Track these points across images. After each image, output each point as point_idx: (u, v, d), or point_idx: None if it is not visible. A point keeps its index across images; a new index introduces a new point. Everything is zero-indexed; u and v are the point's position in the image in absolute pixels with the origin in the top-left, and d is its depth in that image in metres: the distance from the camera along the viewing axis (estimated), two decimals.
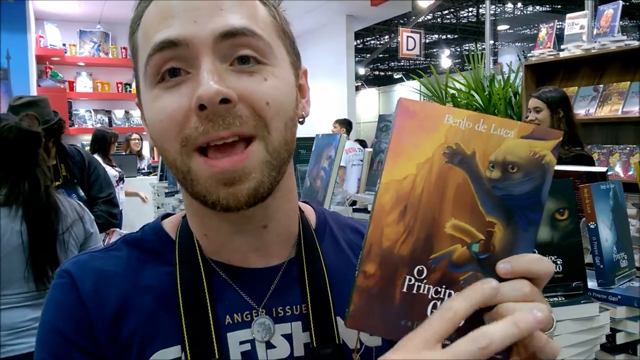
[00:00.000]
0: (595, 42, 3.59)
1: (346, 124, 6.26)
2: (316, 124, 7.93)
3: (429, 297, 0.45)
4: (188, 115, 0.51)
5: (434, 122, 0.46)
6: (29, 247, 1.65)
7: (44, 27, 6.76)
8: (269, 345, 0.58)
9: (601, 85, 3.66)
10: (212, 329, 0.55)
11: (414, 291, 0.45)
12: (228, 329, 0.57)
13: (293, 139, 0.57)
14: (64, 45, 6.95)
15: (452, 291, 0.45)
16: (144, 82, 0.55)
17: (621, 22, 3.59)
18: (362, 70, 15.83)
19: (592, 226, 1.03)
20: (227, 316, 0.58)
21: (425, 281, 0.45)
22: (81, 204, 1.93)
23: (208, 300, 0.57)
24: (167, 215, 0.67)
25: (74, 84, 7.15)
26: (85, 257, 0.61)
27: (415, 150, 0.45)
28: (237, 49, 0.52)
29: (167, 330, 0.56)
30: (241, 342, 0.57)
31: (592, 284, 1.08)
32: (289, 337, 0.58)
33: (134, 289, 0.58)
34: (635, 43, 3.52)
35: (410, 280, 0.45)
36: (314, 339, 0.57)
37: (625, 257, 1.10)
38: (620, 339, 1.05)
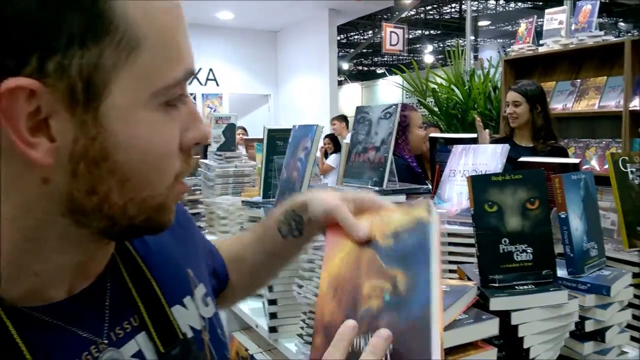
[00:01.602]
0: (573, 37, 3.64)
1: (345, 120, 6.32)
2: (298, 118, 7.92)
3: (362, 346, 0.52)
4: (177, 147, 0.49)
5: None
6: None
7: None
8: None
9: (578, 80, 3.72)
10: None
11: (352, 347, 0.52)
12: None
13: None
14: None
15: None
16: (144, 99, 0.45)
17: (600, 20, 3.65)
18: (345, 65, 15.84)
19: (562, 216, 1.04)
20: None
21: (358, 335, 0.53)
22: None
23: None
24: None
25: None
26: None
27: (339, 248, 0.61)
28: None
29: None
30: None
31: (562, 272, 1.09)
32: (139, 354, 0.53)
33: None
34: (612, 39, 3.57)
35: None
36: (159, 345, 0.54)
37: (596, 247, 1.12)
38: (589, 326, 1.07)
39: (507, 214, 0.95)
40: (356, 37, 15.41)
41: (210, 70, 8.90)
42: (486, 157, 1.37)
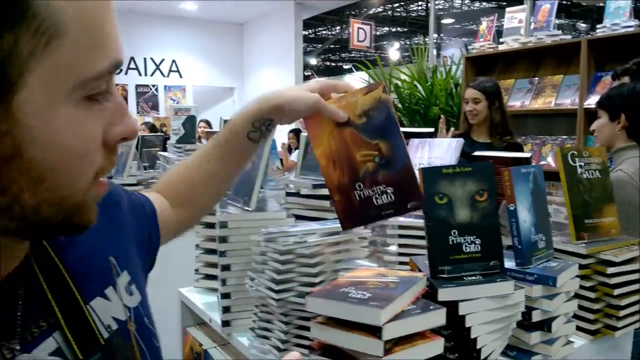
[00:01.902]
0: (532, 36, 3.72)
1: None
2: None
3: (370, 193, 0.79)
4: (100, 143, 0.46)
5: (321, 115, 0.79)
6: None
7: None
8: None
9: (536, 78, 3.80)
10: None
11: (363, 196, 0.79)
12: None
13: None
14: None
15: (379, 186, 0.79)
16: (63, 91, 0.41)
17: (559, 20, 3.74)
18: (313, 60, 15.82)
19: (511, 208, 1.06)
20: None
21: (364, 188, 0.79)
22: None
23: None
24: None
25: None
26: None
27: (321, 132, 0.80)
28: None
29: None
30: None
31: (511, 264, 1.11)
32: (59, 352, 0.50)
33: None
34: (569, 38, 3.67)
35: (357, 192, 0.79)
36: (77, 351, 0.50)
37: (544, 239, 1.14)
38: (536, 316, 1.09)
39: (457, 205, 0.95)
40: (324, 32, 15.40)
41: (174, 61, 8.74)
42: (441, 150, 1.39)
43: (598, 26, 3.54)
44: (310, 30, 14.21)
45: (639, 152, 2.08)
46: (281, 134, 6.34)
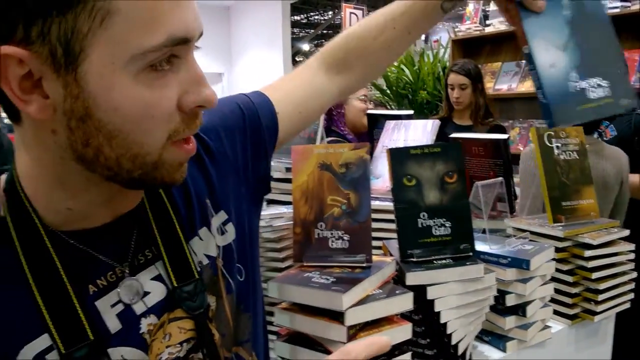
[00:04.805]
0: None
1: None
2: None
3: (329, 235, 0.86)
4: (175, 109, 0.52)
5: (310, 153, 0.89)
6: None
7: None
8: (144, 293, 0.59)
9: (523, 61, 3.77)
10: (76, 304, 0.54)
11: (321, 236, 0.86)
12: (95, 297, 0.56)
13: None
14: None
15: (338, 231, 0.86)
16: (121, 64, 0.47)
17: None
18: (305, 46, 15.67)
19: (525, 51, 0.75)
20: (90, 285, 0.56)
21: (325, 229, 0.86)
22: None
23: (64, 276, 0.54)
24: None
25: None
26: None
27: (304, 168, 0.88)
28: None
29: (26, 323, 0.53)
30: (113, 305, 0.57)
31: (484, 247, 1.09)
32: (159, 278, 0.61)
33: None
34: None
35: (317, 230, 0.86)
36: (173, 279, 0.61)
37: (602, 84, 0.77)
38: (510, 300, 1.07)
39: (426, 187, 0.92)
40: (316, 17, 15.24)
41: None
42: (417, 132, 1.36)
43: None
44: (302, 15, 14.07)
45: None
46: None
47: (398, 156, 0.93)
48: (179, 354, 0.60)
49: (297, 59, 10.76)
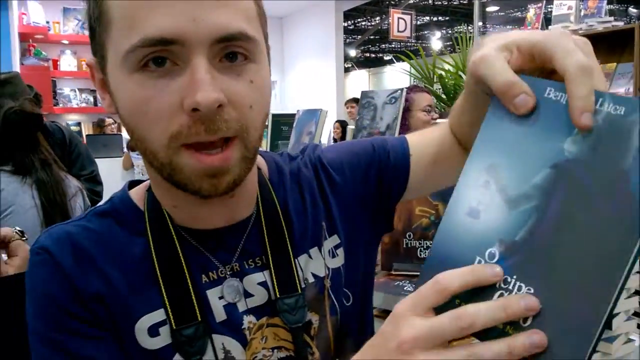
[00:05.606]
0: (582, 22, 3.59)
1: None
2: (305, 104, 7.88)
3: (417, 245, 0.92)
4: (176, 111, 0.52)
5: None
6: (43, 207, 1.68)
7: (26, 4, 6.60)
8: (247, 294, 0.63)
9: None
10: (191, 288, 0.60)
11: (410, 246, 0.92)
12: (206, 287, 0.62)
13: (264, 126, 0.62)
14: (47, 22, 6.80)
15: (427, 241, 0.91)
16: (118, 65, 0.53)
17: (609, 6, 3.59)
18: (352, 52, 15.72)
19: None
20: (203, 275, 0.63)
21: (413, 239, 0.91)
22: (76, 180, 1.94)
23: (183, 263, 0.61)
24: (133, 183, 0.69)
25: (58, 63, 7.01)
26: (58, 231, 0.62)
27: None
28: (229, 49, 0.53)
29: (149, 297, 0.60)
30: (220, 297, 0.63)
31: None
32: (264, 284, 0.64)
33: (112, 262, 0.61)
34: (622, 24, 3.52)
35: (405, 240, 0.92)
36: (276, 289, 0.63)
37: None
38: None
39: None
40: (363, 23, 15.28)
41: None
42: None
43: None
44: (349, 22, 14.13)
45: None
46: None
47: None
48: (271, 359, 0.63)
49: (345, 65, 10.80)
